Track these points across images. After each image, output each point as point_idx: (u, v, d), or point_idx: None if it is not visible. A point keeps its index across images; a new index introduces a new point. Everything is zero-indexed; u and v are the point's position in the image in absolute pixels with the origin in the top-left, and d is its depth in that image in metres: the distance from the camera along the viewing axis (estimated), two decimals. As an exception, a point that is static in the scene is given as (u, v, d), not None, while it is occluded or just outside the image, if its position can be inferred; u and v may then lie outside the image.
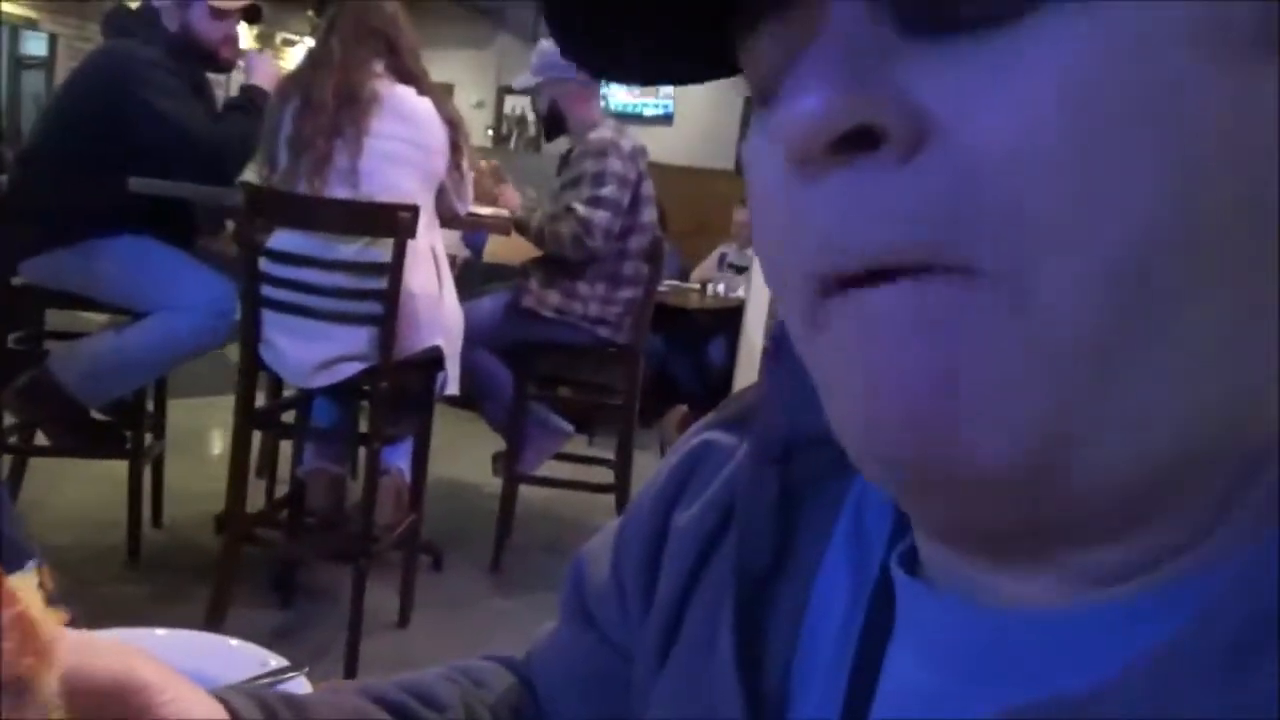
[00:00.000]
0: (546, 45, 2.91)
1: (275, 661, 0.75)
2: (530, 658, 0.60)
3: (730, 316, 4.45)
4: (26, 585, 0.38)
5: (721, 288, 4.86)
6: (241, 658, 0.76)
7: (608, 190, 2.75)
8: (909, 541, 0.37)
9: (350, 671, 2.15)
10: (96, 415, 2.68)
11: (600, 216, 2.73)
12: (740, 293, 4.57)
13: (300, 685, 0.72)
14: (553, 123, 2.98)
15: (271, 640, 2.30)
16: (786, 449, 0.42)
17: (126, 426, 2.73)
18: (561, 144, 3.04)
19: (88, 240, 2.42)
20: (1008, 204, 0.24)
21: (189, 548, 2.79)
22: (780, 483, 0.41)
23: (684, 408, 2.27)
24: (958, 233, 0.25)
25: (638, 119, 7.03)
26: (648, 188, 2.89)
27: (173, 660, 0.74)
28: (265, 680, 0.72)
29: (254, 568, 2.48)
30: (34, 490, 2.86)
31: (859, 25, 0.26)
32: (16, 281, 2.51)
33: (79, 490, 3.01)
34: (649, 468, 0.65)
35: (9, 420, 2.64)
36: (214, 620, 2.11)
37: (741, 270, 4.81)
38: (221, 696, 0.45)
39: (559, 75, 2.83)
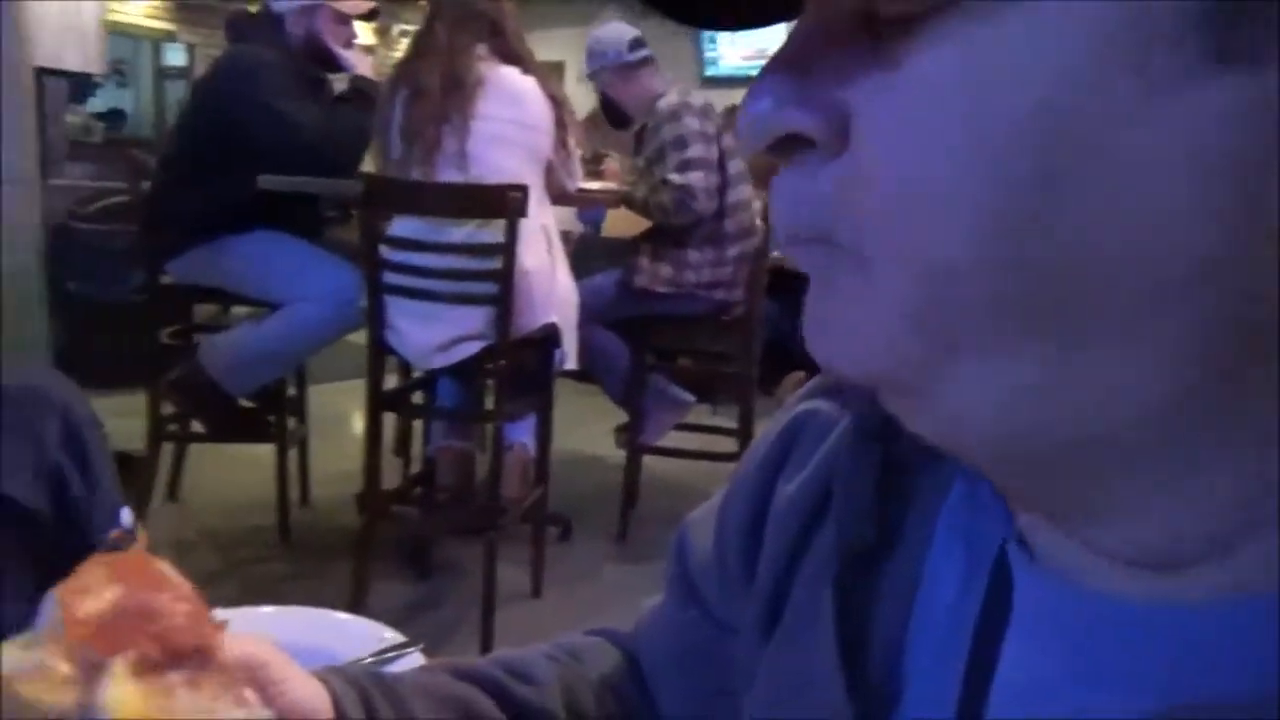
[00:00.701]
0: (590, 38, 2.90)
1: (391, 636, 0.77)
2: (636, 632, 0.59)
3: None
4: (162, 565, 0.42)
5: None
6: (362, 634, 0.78)
7: (694, 150, 2.71)
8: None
9: (485, 643, 2.22)
10: (244, 403, 2.84)
11: (695, 178, 2.70)
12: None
13: (416, 661, 0.74)
14: (611, 113, 2.96)
15: (409, 614, 2.42)
16: (888, 420, 0.39)
17: (271, 413, 2.89)
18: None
19: (222, 238, 2.56)
20: (872, 206, 0.27)
21: (333, 526, 2.94)
22: (883, 456, 0.39)
23: (801, 373, 2.22)
24: (839, 221, 0.28)
25: (745, 81, 6.89)
26: (729, 140, 2.84)
27: (294, 636, 0.78)
28: (382, 657, 0.75)
29: (392, 544, 2.59)
30: (192, 475, 3.07)
31: (829, 22, 0.28)
32: (165, 280, 2.68)
33: (232, 474, 3.20)
34: None
35: (168, 410, 2.84)
36: (357, 595, 2.21)
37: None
38: (324, 678, 0.46)
39: (598, 65, 2.81)
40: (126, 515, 0.98)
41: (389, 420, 2.87)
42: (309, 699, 0.44)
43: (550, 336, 2.34)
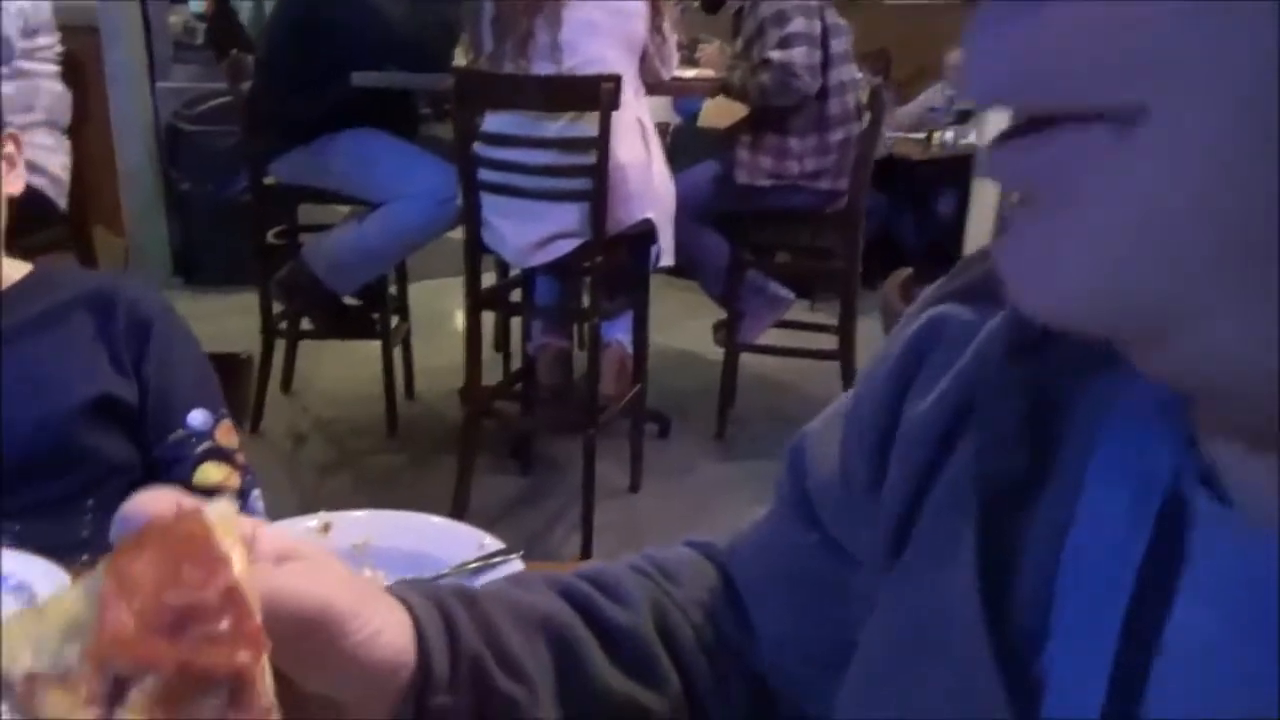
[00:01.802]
0: None
1: (491, 543, 0.77)
2: (733, 550, 0.56)
3: (958, 167, 4.12)
4: (223, 515, 0.35)
5: (950, 135, 4.49)
6: (462, 539, 0.79)
7: (795, 25, 2.57)
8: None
9: (586, 536, 2.27)
10: (349, 300, 2.91)
11: (797, 54, 2.57)
12: (971, 139, 4.21)
13: (515, 568, 0.74)
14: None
15: (510, 508, 2.48)
16: (1045, 335, 0.34)
17: (375, 310, 2.96)
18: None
19: (321, 138, 2.58)
20: None
21: (437, 420, 3.02)
22: (1034, 379, 0.35)
23: (908, 270, 2.13)
24: None
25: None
26: (832, 15, 2.68)
27: (394, 540, 0.79)
28: (482, 563, 0.75)
29: (494, 439, 2.65)
30: (303, 371, 3.18)
31: None
32: (268, 181, 2.73)
33: (341, 370, 3.31)
34: (873, 334, 0.58)
35: (278, 308, 2.93)
36: (459, 488, 2.28)
37: (965, 116, 4.40)
38: (406, 600, 0.44)
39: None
40: (198, 417, 1.00)
41: (488, 317, 2.90)
42: (387, 642, 0.40)
43: (646, 232, 2.29)
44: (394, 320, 3.01)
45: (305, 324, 2.97)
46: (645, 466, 2.60)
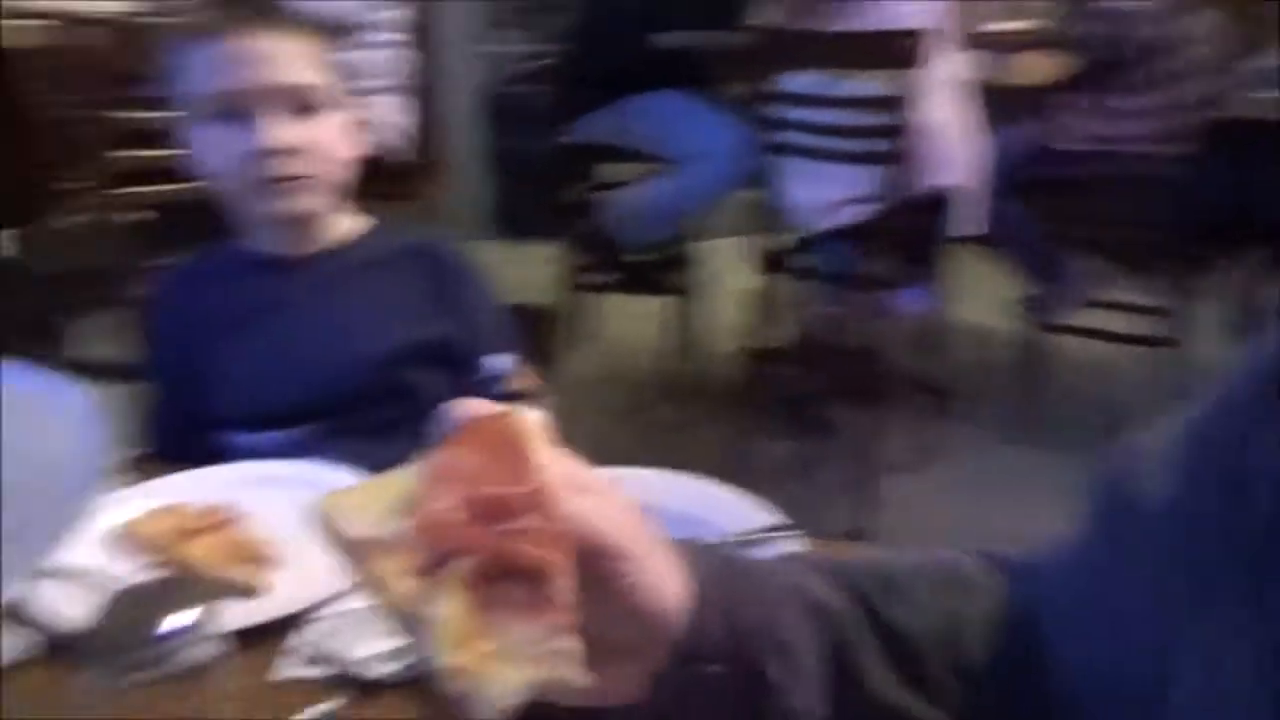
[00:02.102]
0: None
1: (769, 518, 0.76)
2: (1038, 567, 0.51)
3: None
4: (535, 423, 0.38)
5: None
6: (740, 510, 0.78)
7: None
8: None
9: (860, 512, 2.21)
10: (641, 257, 3.01)
11: (1129, 3, 2.28)
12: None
13: (793, 546, 0.72)
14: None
15: (786, 473, 2.45)
16: None
17: (664, 266, 3.04)
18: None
19: (621, 98, 2.66)
20: None
21: (719, 378, 3.06)
22: None
23: (1266, 251, 1.83)
24: None
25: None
26: None
27: (672, 502, 0.80)
28: (758, 537, 0.74)
29: (774, 401, 2.63)
30: (598, 323, 3.35)
31: None
32: (572, 140, 2.87)
33: (627, 324, 3.44)
34: (1208, 321, 0.49)
35: (578, 261, 3.10)
36: (737, 447, 2.29)
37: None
38: (690, 560, 0.44)
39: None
40: (500, 362, 1.06)
41: (774, 279, 2.88)
42: (664, 593, 0.40)
43: (948, 198, 2.16)
44: (683, 277, 3.08)
45: (600, 278, 3.11)
46: (930, 445, 2.48)
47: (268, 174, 0.99)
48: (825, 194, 2.14)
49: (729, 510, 0.78)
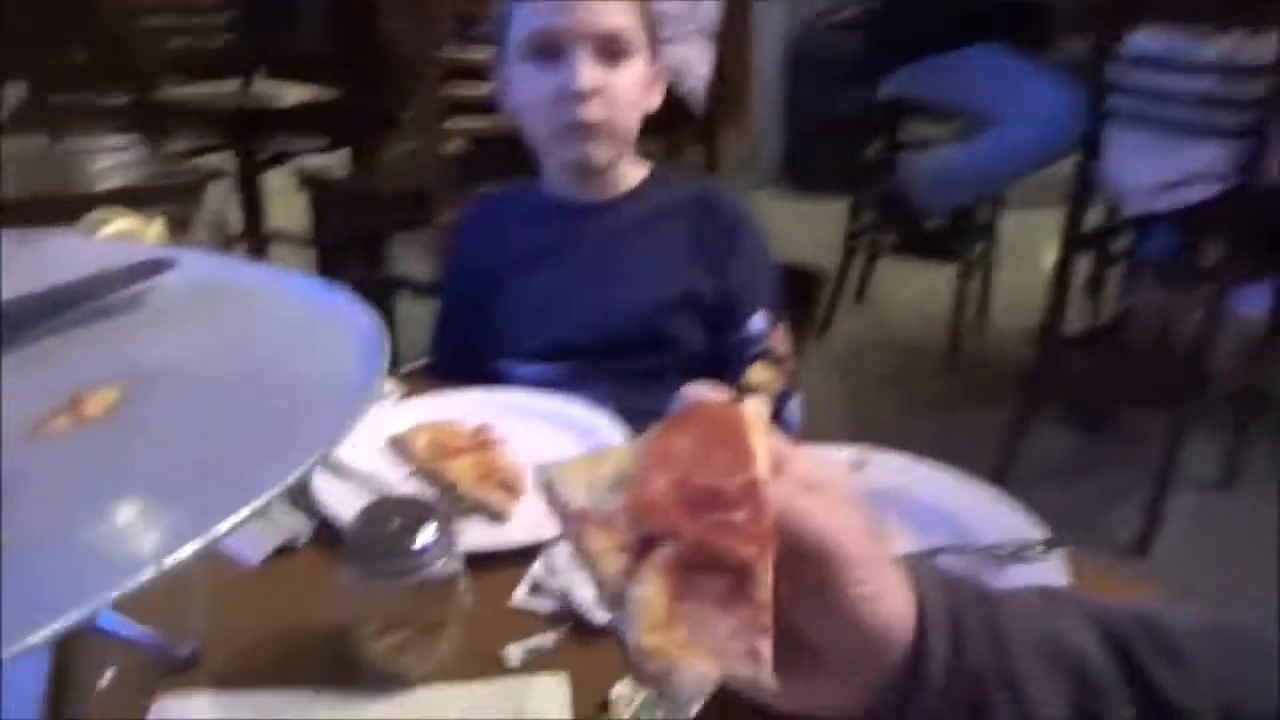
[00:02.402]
0: None
1: (1033, 534, 0.69)
2: None
3: None
4: (756, 414, 0.38)
5: None
6: (1001, 516, 0.71)
7: None
8: None
9: (1149, 527, 1.98)
10: (936, 222, 2.85)
11: None
12: None
13: (1053, 569, 0.65)
14: None
15: (1065, 470, 2.25)
16: None
17: (960, 234, 2.85)
18: None
19: (943, 52, 2.48)
20: None
21: (1005, 356, 2.85)
22: None
23: None
24: None
25: None
26: None
27: (932, 499, 0.74)
28: (1017, 550, 0.67)
29: (1062, 393, 2.41)
30: (877, 285, 3.22)
31: None
32: (880, 95, 2.74)
33: (914, 290, 3.28)
34: None
35: (865, 221, 2.99)
36: (1014, 434, 2.13)
37: None
38: (919, 581, 0.40)
39: None
40: (759, 320, 1.04)
41: (1083, 260, 2.61)
42: (885, 610, 0.38)
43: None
44: (978, 247, 2.88)
45: (889, 239, 2.98)
46: (1245, 461, 2.17)
47: (571, 118, 1.02)
48: (1161, 170, 1.89)
49: (987, 513, 0.72)
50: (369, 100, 2.60)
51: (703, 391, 0.39)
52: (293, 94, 2.87)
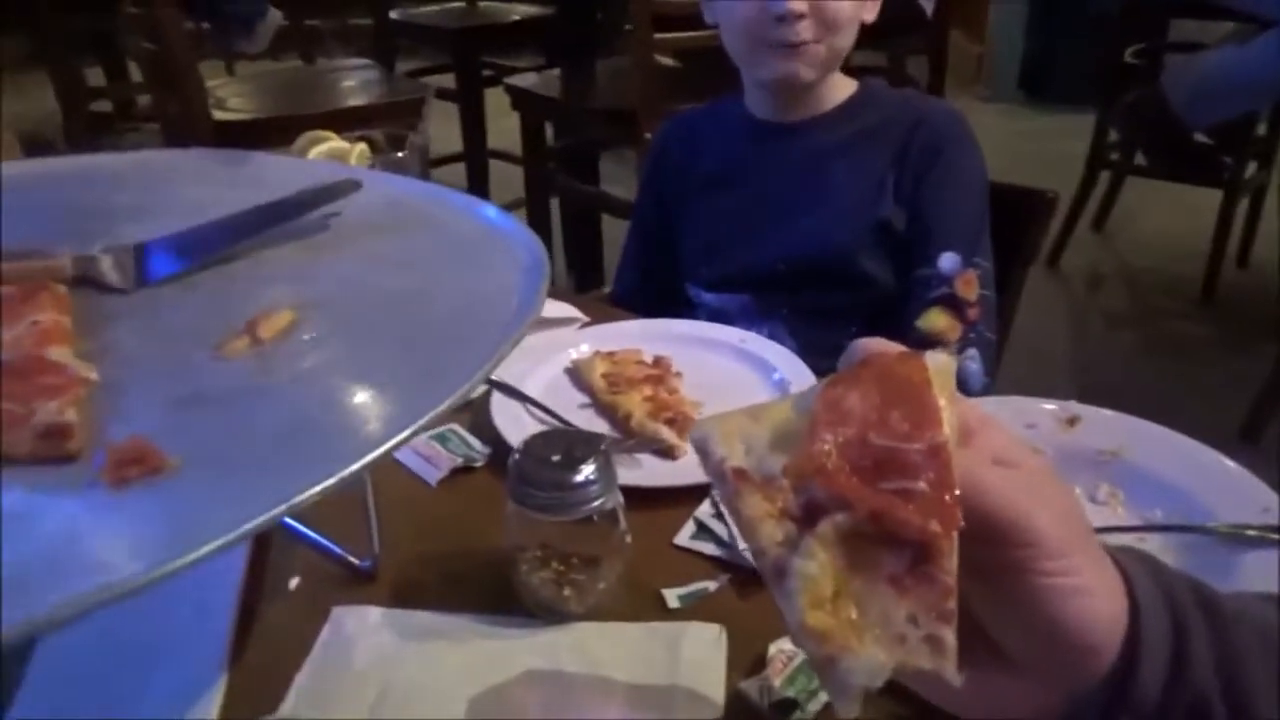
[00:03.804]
0: None
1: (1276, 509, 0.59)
2: None
3: None
4: (942, 369, 0.33)
5: None
6: (1239, 492, 0.62)
7: None
8: None
9: None
10: (1200, 138, 2.51)
11: None
12: None
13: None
14: None
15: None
16: None
17: (1229, 153, 2.50)
18: None
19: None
20: None
21: (1269, 298, 2.51)
22: None
23: None
24: None
25: None
26: None
27: (1156, 465, 0.65)
28: (1261, 535, 0.58)
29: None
30: (1124, 210, 2.90)
31: None
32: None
33: (1167, 216, 2.93)
34: None
35: (1114, 137, 2.68)
36: (1270, 391, 1.88)
37: None
38: (1131, 579, 0.34)
39: None
40: (948, 260, 0.93)
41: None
42: (1089, 607, 0.32)
43: None
44: (1249, 168, 2.52)
45: (1140, 158, 2.66)
46: None
47: (778, 38, 0.95)
48: None
49: (1223, 485, 0.62)
50: (584, 16, 2.60)
51: (878, 344, 0.34)
52: (515, 12, 2.92)
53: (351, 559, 0.63)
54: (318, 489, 0.36)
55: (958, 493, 0.30)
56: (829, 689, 0.30)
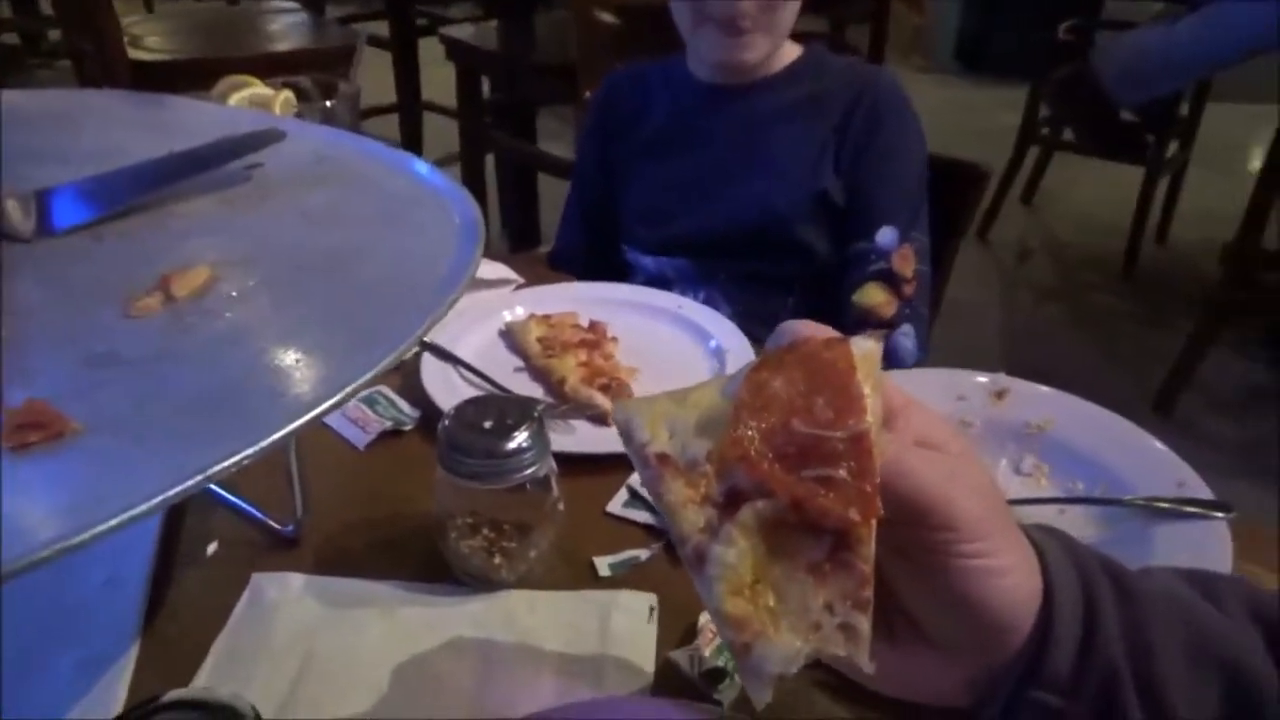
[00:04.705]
0: None
1: (1194, 486, 0.61)
2: None
3: None
4: (868, 355, 0.32)
5: None
6: (1157, 467, 0.63)
7: None
8: None
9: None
10: (1126, 117, 2.57)
11: None
12: None
13: (1218, 534, 0.57)
14: None
15: (1243, 405, 2.06)
16: None
17: (1152, 130, 2.57)
18: None
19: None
20: None
21: (1187, 272, 2.60)
22: None
23: None
24: None
25: None
26: None
27: (1080, 440, 0.66)
28: (1174, 507, 0.59)
29: (1251, 319, 2.18)
30: (1051, 184, 2.97)
31: None
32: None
33: (1093, 191, 3.01)
34: None
35: (1044, 112, 2.73)
36: (1184, 362, 1.95)
37: None
38: (1045, 556, 0.35)
39: None
40: (886, 235, 0.93)
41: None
42: (1007, 587, 0.33)
43: None
44: (1172, 146, 2.59)
45: (1068, 134, 2.72)
46: None
47: (721, 13, 0.93)
48: None
49: (1141, 460, 0.64)
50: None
51: (806, 327, 0.34)
52: (449, -41, 2.84)
53: (274, 524, 0.61)
54: (237, 458, 0.34)
55: (878, 481, 0.30)
56: (744, 675, 0.30)
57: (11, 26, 3.39)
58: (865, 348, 0.32)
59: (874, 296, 0.93)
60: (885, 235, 0.94)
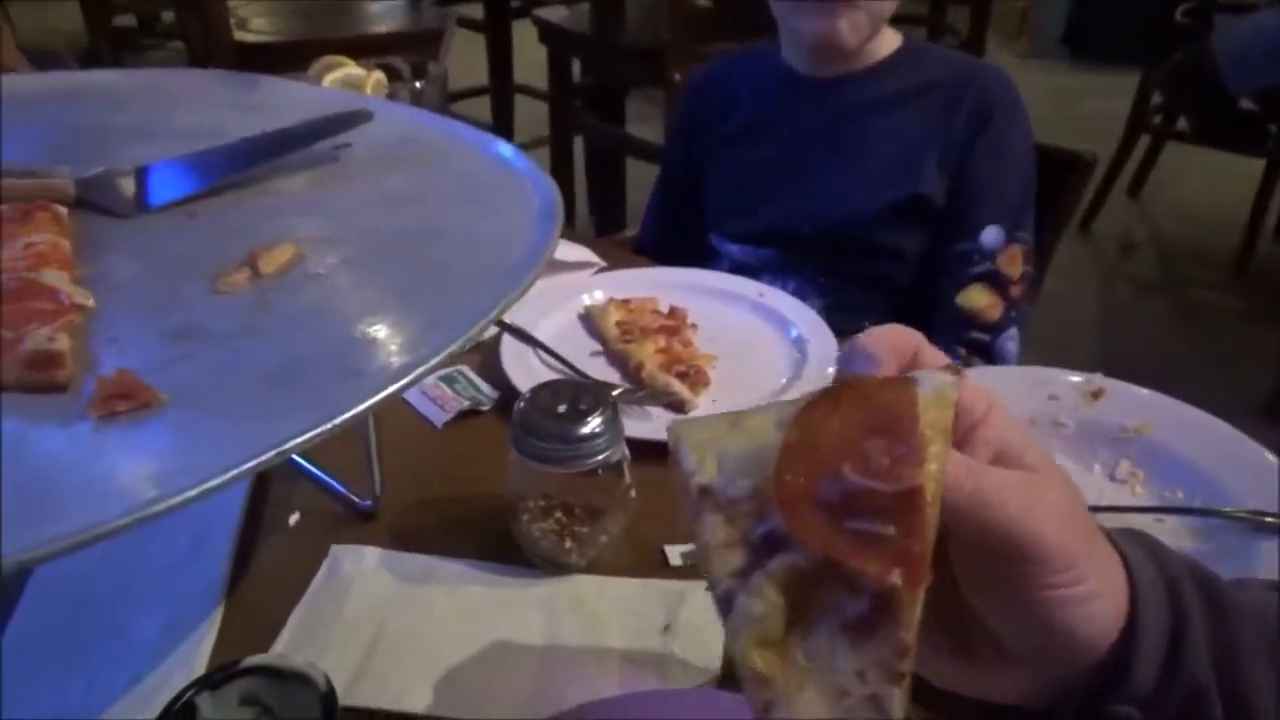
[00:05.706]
0: None
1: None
2: None
3: None
4: (940, 393, 0.30)
5: None
6: (1262, 475, 0.60)
7: None
8: None
9: None
10: (1246, 105, 2.43)
11: None
12: None
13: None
14: None
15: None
16: None
17: (1273, 120, 2.42)
18: None
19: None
20: None
21: (1307, 274, 2.45)
22: None
23: None
24: None
25: None
26: None
27: (1179, 445, 0.62)
28: (1277, 522, 0.56)
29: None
30: (1161, 176, 2.83)
31: None
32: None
33: (1206, 182, 2.86)
34: None
35: (1156, 99, 2.60)
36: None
37: None
38: (1132, 570, 0.33)
39: None
40: (991, 234, 0.89)
41: None
42: (1093, 613, 0.31)
43: None
44: (1295, 138, 2.44)
45: (1183, 122, 2.58)
46: None
47: None
48: None
49: (1244, 469, 0.60)
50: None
51: (891, 340, 0.32)
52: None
53: (353, 498, 0.62)
54: (315, 432, 0.35)
55: (930, 545, 0.27)
56: None
57: (128, 8, 3.54)
58: (939, 386, 0.30)
59: (978, 298, 0.90)
60: (990, 235, 0.90)
